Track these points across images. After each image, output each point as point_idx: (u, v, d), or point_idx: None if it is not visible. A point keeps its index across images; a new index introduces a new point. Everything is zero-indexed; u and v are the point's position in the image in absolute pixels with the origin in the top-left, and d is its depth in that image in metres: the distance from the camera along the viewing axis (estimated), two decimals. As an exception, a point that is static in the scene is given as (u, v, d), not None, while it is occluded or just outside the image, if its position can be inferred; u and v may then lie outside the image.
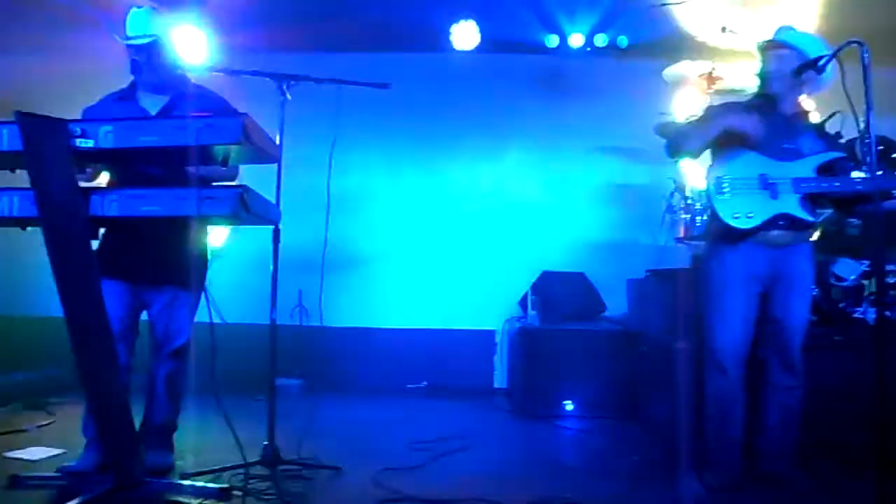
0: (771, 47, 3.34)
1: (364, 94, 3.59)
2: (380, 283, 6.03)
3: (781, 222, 3.22)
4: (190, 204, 2.44)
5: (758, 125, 3.29)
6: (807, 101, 3.61)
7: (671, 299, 3.98)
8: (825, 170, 3.23)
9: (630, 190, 5.93)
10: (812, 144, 3.29)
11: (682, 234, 4.97)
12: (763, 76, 3.37)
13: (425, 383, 5.77)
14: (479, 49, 5.83)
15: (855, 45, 2.61)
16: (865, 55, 2.57)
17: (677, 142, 3.43)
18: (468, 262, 5.97)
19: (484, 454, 3.97)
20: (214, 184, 2.64)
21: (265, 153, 2.69)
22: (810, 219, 3.21)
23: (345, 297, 5.93)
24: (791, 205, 3.19)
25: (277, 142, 3.24)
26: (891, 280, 3.91)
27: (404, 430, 4.39)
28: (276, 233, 3.33)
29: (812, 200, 3.23)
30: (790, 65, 3.24)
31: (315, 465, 3.43)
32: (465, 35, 5.79)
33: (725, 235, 3.27)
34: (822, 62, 3.03)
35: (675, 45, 5.52)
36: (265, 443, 3.32)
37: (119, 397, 2.72)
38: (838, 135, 4.12)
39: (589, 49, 5.82)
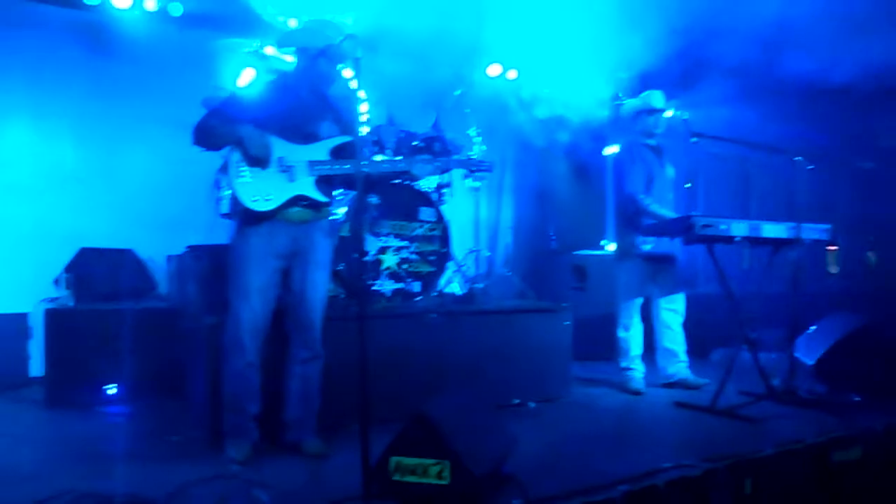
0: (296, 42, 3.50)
1: None
2: None
3: (303, 203, 3.36)
4: None
5: (277, 112, 3.39)
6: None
7: (205, 276, 3.94)
8: (338, 152, 3.44)
9: (182, 162, 5.60)
10: (329, 129, 3.49)
11: (228, 210, 4.92)
12: (294, 69, 3.54)
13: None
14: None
15: (351, 38, 2.82)
16: (358, 49, 2.78)
17: (201, 138, 3.39)
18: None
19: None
20: None
21: None
22: (325, 199, 3.43)
23: None
24: (307, 187, 3.35)
25: None
26: (405, 255, 4.33)
27: None
28: None
29: (327, 182, 3.42)
30: (312, 56, 3.40)
31: None
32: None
33: (246, 217, 3.35)
34: (332, 52, 3.25)
35: (231, 18, 5.47)
36: None
37: None
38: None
39: (138, 12, 5.43)
